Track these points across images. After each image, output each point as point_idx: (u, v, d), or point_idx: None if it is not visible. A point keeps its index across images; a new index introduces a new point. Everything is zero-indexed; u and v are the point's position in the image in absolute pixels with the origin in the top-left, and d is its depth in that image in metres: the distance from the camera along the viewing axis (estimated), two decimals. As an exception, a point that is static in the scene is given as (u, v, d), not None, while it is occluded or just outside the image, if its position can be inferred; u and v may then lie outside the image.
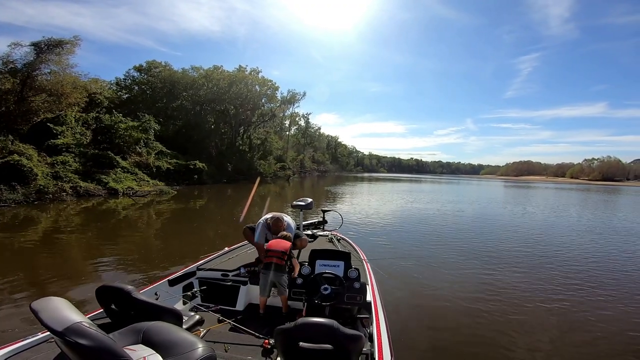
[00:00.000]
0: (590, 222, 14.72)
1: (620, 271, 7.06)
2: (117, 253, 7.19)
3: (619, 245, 9.80)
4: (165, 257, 6.93)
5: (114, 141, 21.01)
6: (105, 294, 2.24)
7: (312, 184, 42.92)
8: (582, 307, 5.05)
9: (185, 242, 8.38)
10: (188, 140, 34.00)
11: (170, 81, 37.40)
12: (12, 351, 1.97)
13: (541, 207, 20.60)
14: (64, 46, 20.99)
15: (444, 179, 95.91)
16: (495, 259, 7.62)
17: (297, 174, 58.58)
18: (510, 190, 43.61)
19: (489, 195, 30.94)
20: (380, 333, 2.48)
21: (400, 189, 34.80)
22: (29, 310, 1.47)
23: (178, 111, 38.15)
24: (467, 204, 20.74)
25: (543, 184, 74.34)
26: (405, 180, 68.26)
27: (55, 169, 15.65)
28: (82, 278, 5.69)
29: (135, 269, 6.17)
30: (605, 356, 3.80)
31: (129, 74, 37.09)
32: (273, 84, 46.08)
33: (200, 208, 15.64)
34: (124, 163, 20.33)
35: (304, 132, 76.23)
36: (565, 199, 30.49)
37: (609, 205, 25.49)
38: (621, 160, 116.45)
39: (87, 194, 15.63)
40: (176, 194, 19.81)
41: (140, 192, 18.08)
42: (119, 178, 18.34)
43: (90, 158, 18.18)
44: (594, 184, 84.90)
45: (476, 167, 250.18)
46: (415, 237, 10.04)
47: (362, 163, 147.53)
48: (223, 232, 9.90)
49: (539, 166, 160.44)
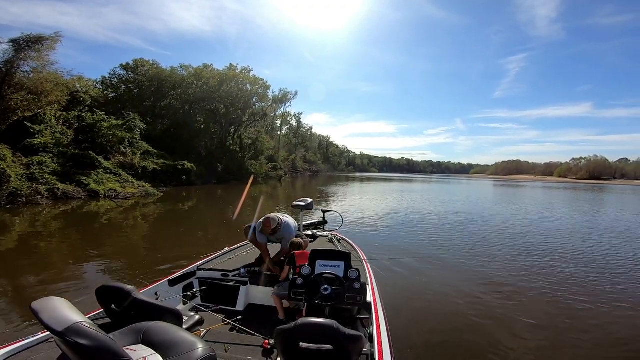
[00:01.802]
0: (588, 221, 14.60)
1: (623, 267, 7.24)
2: (94, 260, 6.54)
3: (617, 243, 9.81)
4: (146, 267, 6.30)
5: (97, 140, 20.00)
6: (105, 294, 2.22)
7: (304, 185, 42.44)
8: (584, 305, 5.02)
9: (170, 248, 7.75)
10: (176, 140, 33.04)
11: (158, 79, 36.34)
12: (12, 351, 1.98)
13: (536, 206, 20.55)
14: (44, 42, 20.13)
15: (435, 178, 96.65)
16: (495, 258, 7.61)
17: (288, 174, 57.99)
18: (501, 189, 43.90)
19: (482, 195, 30.98)
20: (380, 333, 2.48)
21: (394, 189, 34.57)
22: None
23: (166, 110, 37.14)
24: (463, 204, 20.68)
25: (532, 183, 75.58)
26: (397, 180, 68.42)
27: (31, 170, 14.71)
28: (63, 284, 5.33)
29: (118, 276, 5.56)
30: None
31: (114, 72, 36.02)
32: (264, 83, 45.38)
33: (188, 210, 14.94)
34: (107, 164, 19.36)
35: (296, 132, 75.77)
36: (557, 197, 30.67)
37: (599, 203, 25.67)
38: (607, 159, 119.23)
39: (65, 197, 14.70)
40: (163, 195, 18.95)
41: (123, 194, 17.09)
42: (100, 179, 17.38)
43: (70, 158, 17.17)
44: (581, 183, 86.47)
45: (466, 167, 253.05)
46: (415, 237, 9.97)
47: (354, 163, 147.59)
48: (213, 236, 9.30)
49: (527, 165, 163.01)
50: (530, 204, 22.43)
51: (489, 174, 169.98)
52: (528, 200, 25.81)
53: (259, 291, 3.71)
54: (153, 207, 15.06)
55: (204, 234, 9.65)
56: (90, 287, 5.31)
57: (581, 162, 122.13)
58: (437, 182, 60.34)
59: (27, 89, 18.93)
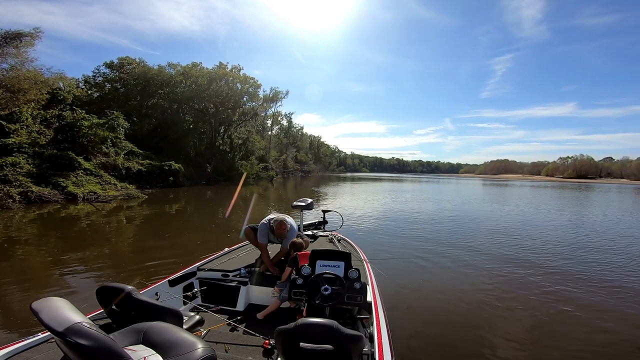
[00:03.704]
0: (583, 220, 14.47)
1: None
2: (65, 269, 5.84)
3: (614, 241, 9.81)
4: (125, 280, 5.64)
5: (77, 140, 18.97)
6: (106, 294, 2.19)
7: (296, 185, 41.81)
8: (584, 304, 5.04)
9: (153, 257, 7.05)
10: (164, 140, 32.04)
11: (145, 78, 35.05)
12: (12, 351, 1.98)
13: (530, 206, 20.46)
14: (23, 39, 19.18)
15: (425, 178, 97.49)
16: (495, 257, 7.61)
17: (280, 175, 57.26)
18: (492, 188, 44.11)
19: (475, 195, 30.97)
20: (380, 333, 2.47)
21: (387, 189, 34.26)
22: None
23: (153, 109, 35.92)
24: (458, 203, 20.57)
25: (520, 182, 76.83)
26: (388, 180, 68.53)
27: (4, 171, 13.74)
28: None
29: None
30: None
31: (99, 71, 34.74)
32: (255, 82, 44.47)
33: (175, 213, 14.11)
34: (87, 165, 18.33)
35: (287, 132, 75.08)
36: (549, 197, 30.77)
37: (589, 201, 25.84)
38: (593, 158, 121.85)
39: (39, 200, 13.74)
40: (147, 198, 18.03)
41: (103, 197, 16.08)
42: (80, 181, 16.37)
43: (47, 159, 16.15)
44: (569, 182, 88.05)
45: (455, 166, 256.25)
46: (414, 237, 9.90)
47: (345, 163, 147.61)
48: (202, 242, 8.56)
49: (515, 165, 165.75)
50: (524, 204, 22.41)
51: (478, 174, 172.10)
52: (520, 200, 25.79)
53: (259, 291, 3.69)
54: (137, 210, 14.21)
55: (191, 240, 8.94)
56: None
57: (568, 161, 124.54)
58: (427, 182, 60.57)
59: (4, 86, 17.87)
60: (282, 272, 3.54)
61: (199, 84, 38.29)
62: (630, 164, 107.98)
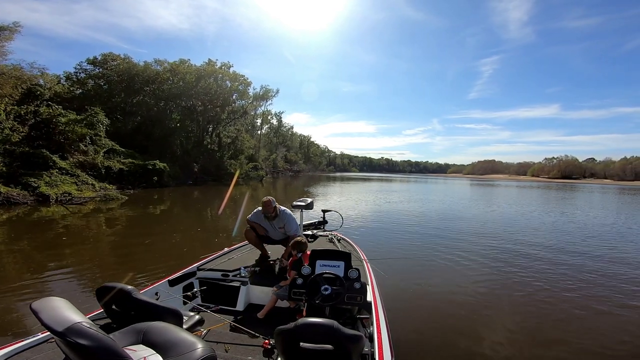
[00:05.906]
0: (575, 221, 14.31)
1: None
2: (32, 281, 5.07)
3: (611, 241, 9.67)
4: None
5: (53, 137, 17.82)
6: (106, 294, 2.15)
7: (287, 185, 41.11)
8: (585, 304, 4.99)
9: (132, 266, 6.34)
10: (148, 138, 30.83)
11: (129, 75, 33.63)
12: (12, 351, 1.97)
13: (521, 206, 20.41)
14: (2, 33, 18.50)
15: (414, 178, 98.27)
16: (495, 257, 7.58)
17: (269, 174, 56.39)
18: (481, 188, 44.51)
19: (466, 195, 31.02)
20: (380, 333, 2.45)
21: (376, 189, 33.90)
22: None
23: (138, 107, 34.53)
24: (451, 203, 20.45)
25: (506, 182, 78.41)
26: (378, 179, 68.51)
27: (-32, 171, 12.68)
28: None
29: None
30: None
31: (80, 67, 33.19)
32: (245, 79, 43.36)
33: (159, 215, 13.21)
34: (63, 163, 17.16)
35: (277, 131, 74.21)
36: (536, 197, 31.02)
37: (574, 201, 26.09)
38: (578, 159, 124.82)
39: (6, 202, 12.68)
40: (128, 199, 17.07)
41: (77, 198, 15.00)
42: (54, 181, 15.27)
43: (18, 157, 15.04)
44: (554, 182, 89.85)
45: (443, 166, 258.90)
46: (413, 237, 9.89)
47: (334, 162, 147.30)
48: (190, 249, 7.75)
49: (501, 165, 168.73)
50: (515, 204, 22.44)
51: (466, 174, 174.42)
52: (509, 200, 25.85)
53: (259, 291, 3.68)
54: (117, 212, 13.28)
55: (176, 246, 8.19)
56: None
57: (553, 161, 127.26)
58: (416, 182, 60.79)
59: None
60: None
61: (187, 81, 36.99)
62: (614, 164, 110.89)
